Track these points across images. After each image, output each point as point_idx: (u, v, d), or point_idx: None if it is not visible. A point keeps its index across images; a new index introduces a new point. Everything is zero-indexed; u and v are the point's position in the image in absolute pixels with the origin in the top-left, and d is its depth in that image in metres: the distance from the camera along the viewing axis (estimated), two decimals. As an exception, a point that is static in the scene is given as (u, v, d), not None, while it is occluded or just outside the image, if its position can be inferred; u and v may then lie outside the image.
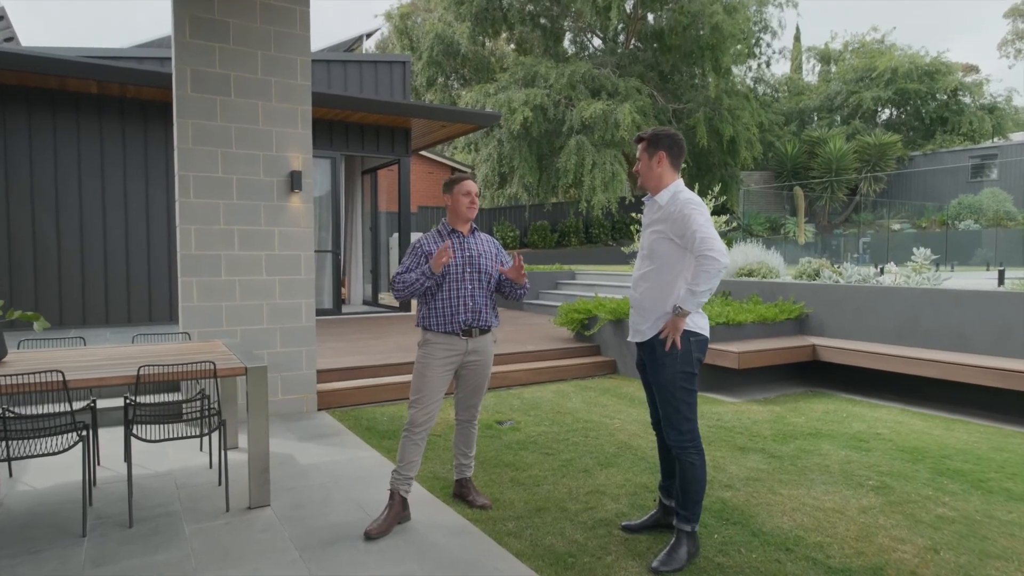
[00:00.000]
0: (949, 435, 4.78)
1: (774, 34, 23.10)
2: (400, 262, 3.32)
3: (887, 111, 24.77)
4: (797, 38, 30.80)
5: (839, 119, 24.15)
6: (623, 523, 3.16)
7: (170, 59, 7.37)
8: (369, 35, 16.98)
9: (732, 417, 5.29)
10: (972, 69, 31.16)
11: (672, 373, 2.80)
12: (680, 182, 2.92)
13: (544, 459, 4.23)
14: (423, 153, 21.62)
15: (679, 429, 2.82)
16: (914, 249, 6.71)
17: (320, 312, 10.35)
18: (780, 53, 26.01)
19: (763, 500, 3.53)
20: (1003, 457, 4.25)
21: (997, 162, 20.46)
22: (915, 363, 5.53)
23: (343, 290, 12.30)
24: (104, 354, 3.70)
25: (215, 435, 4.34)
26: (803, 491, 3.66)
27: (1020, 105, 29.63)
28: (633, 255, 7.75)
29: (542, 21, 22.18)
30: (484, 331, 3.35)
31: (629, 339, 2.98)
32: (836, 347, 6.13)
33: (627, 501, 3.51)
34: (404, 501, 3.21)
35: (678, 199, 2.81)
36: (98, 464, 3.98)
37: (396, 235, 13.11)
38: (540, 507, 3.42)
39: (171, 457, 4.21)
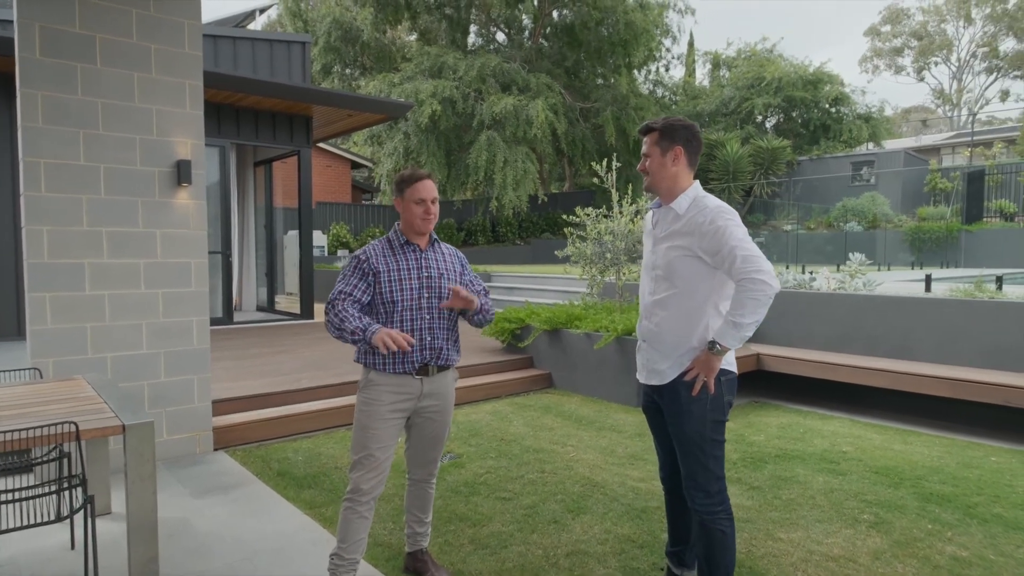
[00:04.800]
0: (911, 450, 4.61)
1: (674, 39, 23.61)
2: (338, 280, 2.54)
3: (776, 117, 26.05)
4: (691, 44, 31.84)
5: (733, 123, 25.10)
6: (624, 600, 2.59)
7: (13, 19, 6.02)
8: (263, 10, 15.47)
9: (690, 438, 4.88)
10: (839, 82, 33.58)
11: (700, 423, 2.25)
12: (698, 185, 2.37)
13: (503, 506, 3.59)
14: (319, 145, 20.22)
15: (707, 490, 2.27)
16: (850, 254, 6.67)
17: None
18: (678, 59, 26.69)
19: (767, 550, 3.08)
20: (976, 475, 4.08)
21: (874, 168, 22.01)
22: (865, 373, 5.38)
23: (234, 295, 11.00)
24: (-93, 409, 2.66)
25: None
26: (802, 534, 3.26)
27: (890, 115, 32.30)
28: (567, 259, 7.24)
29: (448, 11, 21.35)
30: (443, 368, 2.65)
31: (643, 380, 2.40)
32: (782, 356, 5.92)
33: (616, 563, 2.95)
34: (348, 594, 2.47)
35: (704, 207, 2.25)
36: (-97, 555, 2.91)
37: (295, 232, 11.94)
38: (516, 581, 2.78)
39: (13, 533, 3.18)
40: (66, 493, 2.67)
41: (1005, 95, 42.97)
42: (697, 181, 2.39)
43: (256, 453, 4.49)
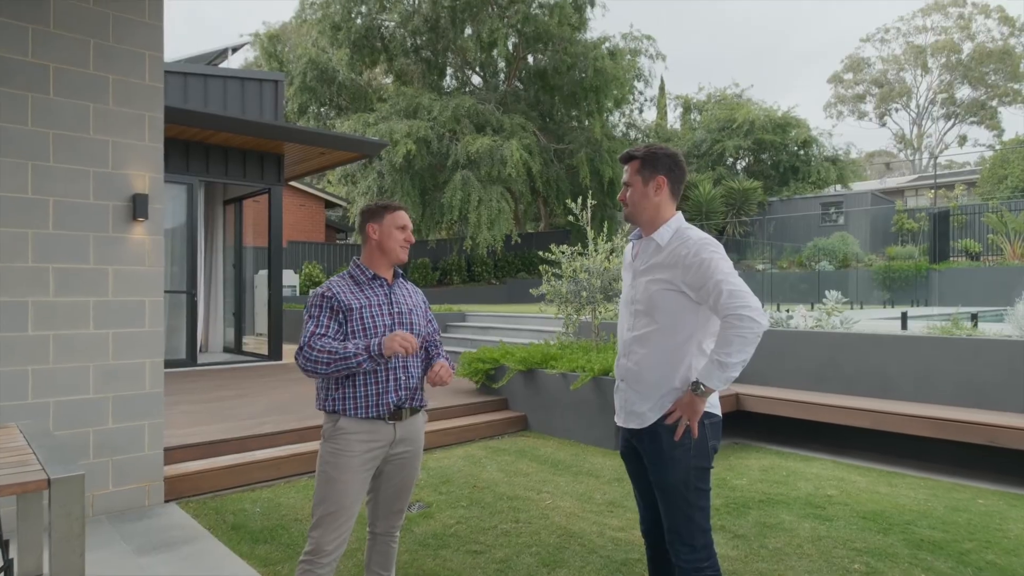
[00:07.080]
0: (897, 493, 4.47)
1: (646, 82, 24.11)
2: (305, 322, 2.34)
3: (746, 159, 26.64)
4: (662, 89, 32.64)
5: (705, 165, 25.57)
6: (605, 667, 2.37)
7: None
8: (235, 49, 15.42)
9: (671, 482, 4.69)
10: (806, 127, 34.57)
11: (684, 471, 2.08)
12: (681, 216, 2.26)
13: (474, 561, 3.35)
14: (293, 184, 20.08)
15: (692, 545, 2.09)
16: (826, 292, 6.65)
17: (171, 364, 8.71)
18: (651, 102, 27.31)
19: (755, 606, 2.88)
20: (965, 519, 3.95)
21: (843, 209, 22.51)
22: (848, 413, 5.27)
23: (199, 336, 10.63)
24: None
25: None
26: (791, 586, 3.07)
27: (855, 157, 33.32)
28: (542, 297, 7.11)
29: (424, 54, 21.60)
30: (415, 411, 2.47)
31: (621, 423, 2.24)
32: (763, 396, 5.79)
33: (596, 624, 2.73)
34: (300, 669, 2.21)
35: (687, 239, 2.14)
36: None
37: (265, 272, 11.68)
38: (487, 647, 2.55)
39: (-71, 603, 2.85)
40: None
41: (963, 140, 44.67)
42: (680, 212, 2.28)
43: (210, 504, 4.19)
